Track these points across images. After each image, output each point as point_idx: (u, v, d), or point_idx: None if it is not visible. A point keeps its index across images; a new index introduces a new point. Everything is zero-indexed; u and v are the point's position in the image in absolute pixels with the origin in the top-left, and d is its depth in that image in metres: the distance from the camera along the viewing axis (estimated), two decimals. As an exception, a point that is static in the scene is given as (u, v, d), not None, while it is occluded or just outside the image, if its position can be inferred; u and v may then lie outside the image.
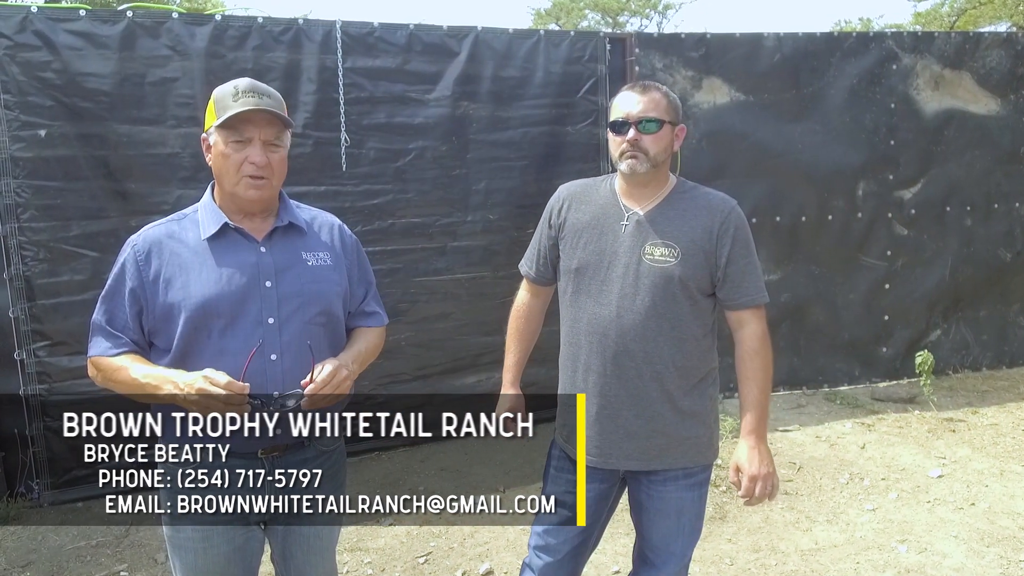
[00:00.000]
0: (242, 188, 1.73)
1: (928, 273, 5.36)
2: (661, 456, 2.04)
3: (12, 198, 3.61)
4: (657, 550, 2.15)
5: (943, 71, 5.19)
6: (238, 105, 1.69)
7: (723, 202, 2.02)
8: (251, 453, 1.77)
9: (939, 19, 15.34)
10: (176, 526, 1.80)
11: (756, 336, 2.01)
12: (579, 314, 2.06)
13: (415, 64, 4.26)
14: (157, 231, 1.77)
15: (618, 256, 2.00)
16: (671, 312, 1.97)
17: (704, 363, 2.05)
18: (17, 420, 3.74)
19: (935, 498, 3.70)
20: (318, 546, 1.93)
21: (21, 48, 3.56)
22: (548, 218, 2.18)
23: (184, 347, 1.71)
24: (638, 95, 1.98)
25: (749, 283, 2.00)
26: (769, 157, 4.96)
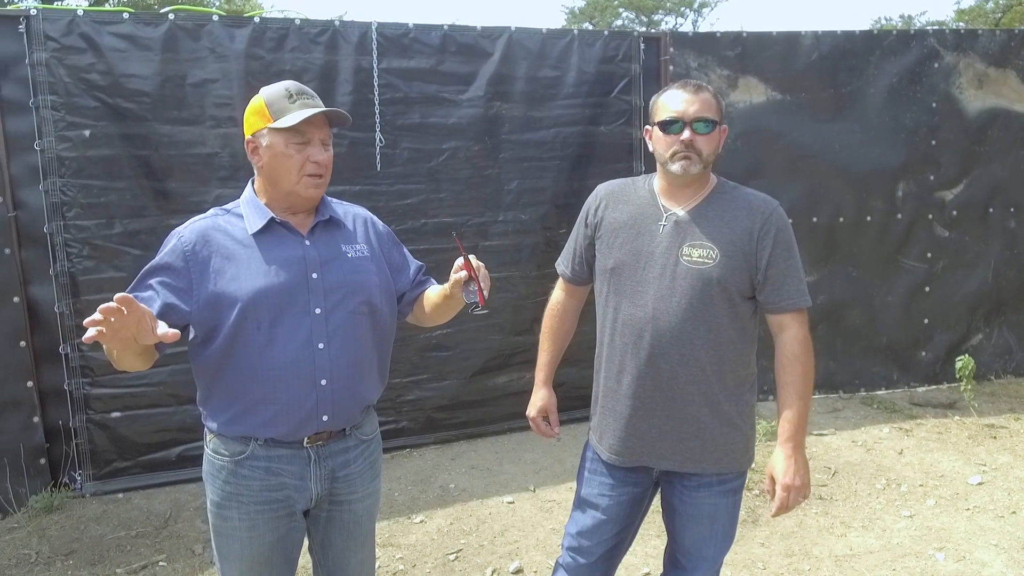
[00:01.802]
0: (303, 187, 1.77)
1: (969, 276, 5.24)
2: (695, 459, 2.01)
3: (58, 196, 3.72)
4: (689, 555, 2.13)
5: (987, 69, 5.07)
6: (297, 107, 1.74)
7: (764, 203, 1.98)
8: (297, 442, 1.81)
9: (983, 16, 14.96)
10: (223, 515, 1.82)
11: (797, 341, 1.96)
12: (614, 315, 2.05)
13: (449, 64, 4.29)
14: (204, 223, 1.80)
15: (655, 257, 1.97)
16: (708, 314, 1.94)
17: (742, 368, 2.01)
18: (61, 413, 3.85)
19: (975, 505, 3.62)
20: (357, 532, 1.96)
21: (68, 51, 3.66)
22: (585, 217, 2.17)
23: (233, 336, 1.73)
24: (691, 95, 1.93)
25: (790, 286, 1.95)
26: (806, 157, 4.89)
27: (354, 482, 1.91)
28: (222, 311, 1.73)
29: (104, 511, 3.74)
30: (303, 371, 1.75)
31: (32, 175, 3.70)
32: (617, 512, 2.12)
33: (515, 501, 3.81)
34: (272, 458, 1.80)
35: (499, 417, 4.65)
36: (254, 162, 1.81)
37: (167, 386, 3.97)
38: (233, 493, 1.80)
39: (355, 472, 1.91)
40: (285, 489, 1.82)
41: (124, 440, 3.96)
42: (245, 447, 1.79)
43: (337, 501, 1.91)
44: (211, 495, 1.84)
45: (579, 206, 4.81)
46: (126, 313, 1.43)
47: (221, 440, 1.81)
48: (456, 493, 3.91)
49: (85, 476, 3.90)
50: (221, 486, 1.81)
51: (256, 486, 1.80)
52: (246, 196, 1.85)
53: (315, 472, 1.84)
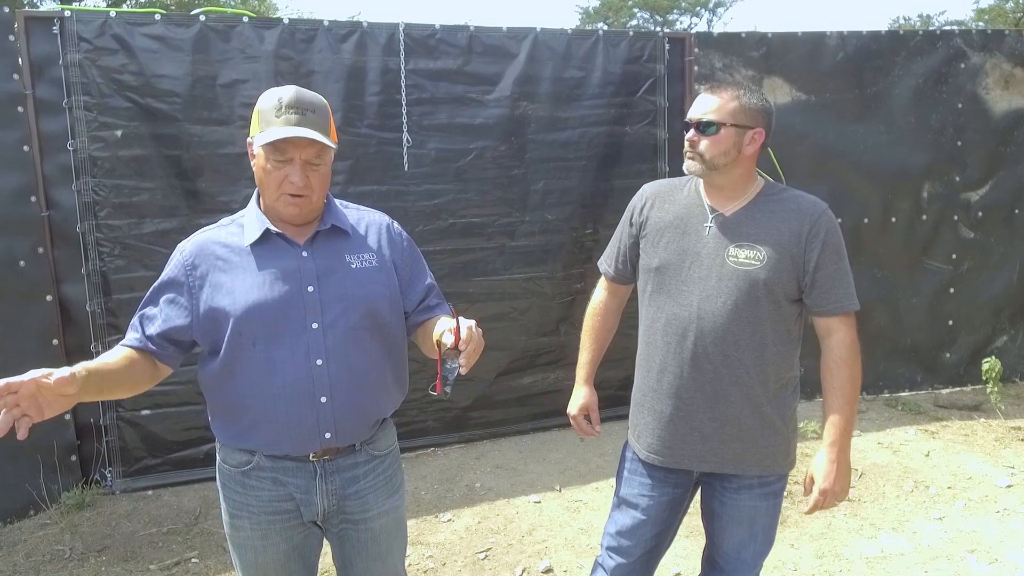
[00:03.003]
0: (281, 204, 1.71)
1: (995, 277, 5.21)
2: (737, 461, 2.01)
3: (90, 196, 3.76)
4: (728, 557, 2.14)
5: (1013, 70, 5.04)
6: (280, 123, 1.64)
7: (813, 205, 1.96)
8: (303, 456, 1.77)
9: (1003, 15, 14.84)
10: (235, 524, 1.81)
11: (844, 345, 1.94)
12: (657, 314, 2.05)
13: (475, 65, 4.30)
14: (205, 236, 1.77)
15: (700, 257, 1.97)
16: (753, 316, 1.93)
17: (785, 370, 2.01)
18: (92, 410, 3.89)
19: (1004, 508, 3.60)
20: (376, 552, 1.90)
21: (100, 52, 3.70)
22: (630, 217, 2.17)
23: (231, 353, 1.70)
24: (707, 95, 1.97)
25: (839, 289, 1.93)
26: (831, 158, 4.87)
27: (367, 499, 1.85)
28: (220, 325, 1.70)
29: (135, 508, 3.78)
30: (302, 389, 1.71)
31: (65, 175, 3.74)
32: (657, 513, 2.12)
33: (541, 500, 3.82)
34: (278, 469, 1.77)
35: (523, 417, 4.66)
36: (252, 165, 1.76)
37: (196, 384, 3.91)
38: (243, 503, 1.79)
39: (366, 488, 1.84)
40: (292, 500, 1.79)
41: (153, 437, 4.00)
42: (251, 458, 1.77)
43: (351, 520, 1.86)
44: (224, 504, 1.84)
45: (605, 206, 4.84)
46: (16, 395, 1.35)
47: (228, 451, 1.80)
48: (482, 492, 3.93)
49: (115, 473, 3.94)
50: (231, 496, 1.80)
51: (264, 496, 1.78)
52: (250, 205, 1.80)
53: (321, 486, 1.79)
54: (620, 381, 4.39)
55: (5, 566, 3.27)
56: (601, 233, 4.62)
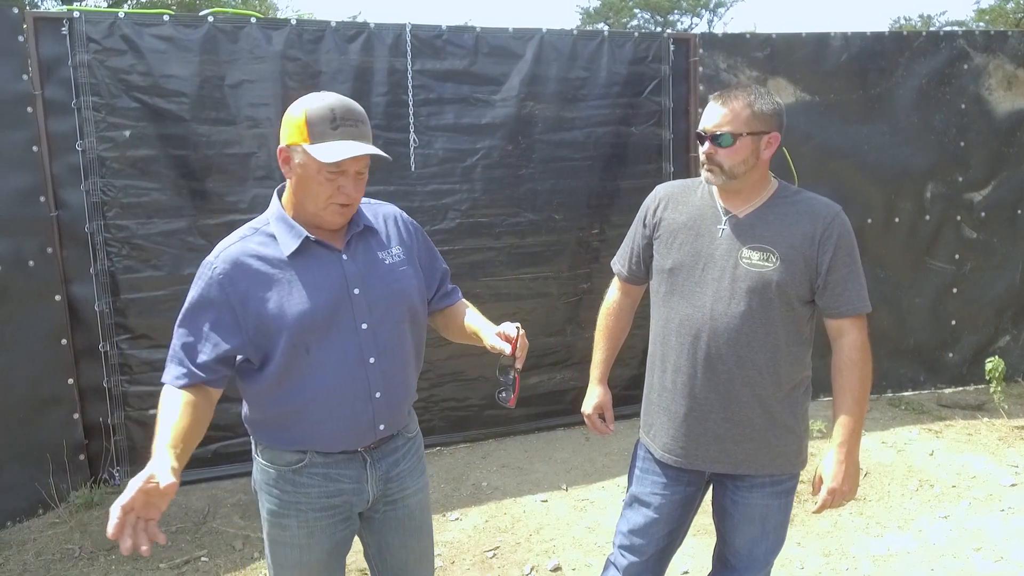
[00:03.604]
0: (328, 214, 1.70)
1: (998, 277, 5.23)
2: (749, 461, 2.03)
3: (99, 196, 3.77)
4: (739, 555, 2.15)
5: (1016, 71, 5.06)
6: (338, 136, 1.63)
7: (827, 208, 1.97)
8: (352, 450, 1.80)
9: (1004, 16, 14.88)
10: (281, 524, 1.80)
11: (855, 347, 1.97)
12: (671, 314, 2.07)
13: (481, 66, 4.32)
14: (235, 250, 1.70)
15: (714, 259, 1.99)
16: (766, 318, 1.95)
17: (797, 371, 2.02)
18: (100, 410, 3.91)
19: (1009, 506, 3.62)
20: (412, 526, 1.95)
21: (109, 52, 3.71)
22: (643, 217, 2.18)
23: (285, 363, 1.70)
24: (718, 107, 1.95)
25: (851, 292, 1.95)
26: (835, 158, 4.89)
27: (404, 480, 1.91)
28: (270, 338, 1.69)
29: (143, 507, 3.78)
30: (358, 388, 1.74)
31: (74, 175, 3.75)
32: (670, 511, 2.14)
33: (548, 500, 3.83)
34: (330, 464, 1.79)
35: (529, 417, 4.68)
36: (284, 172, 1.74)
37: (203, 384, 4.01)
38: (291, 502, 1.79)
39: (405, 470, 1.91)
40: (343, 495, 1.81)
41: (161, 437, 4.00)
42: (303, 456, 1.77)
43: (391, 500, 1.90)
44: (267, 504, 1.81)
45: (611, 206, 4.85)
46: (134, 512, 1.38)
47: (275, 452, 1.79)
48: (489, 491, 3.95)
49: (123, 472, 3.95)
50: (279, 495, 1.79)
51: (315, 493, 1.79)
52: (275, 212, 1.76)
53: (371, 474, 1.84)
54: (626, 380, 4.41)
55: (15, 565, 3.28)
56: (607, 233, 4.63)
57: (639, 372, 4.35)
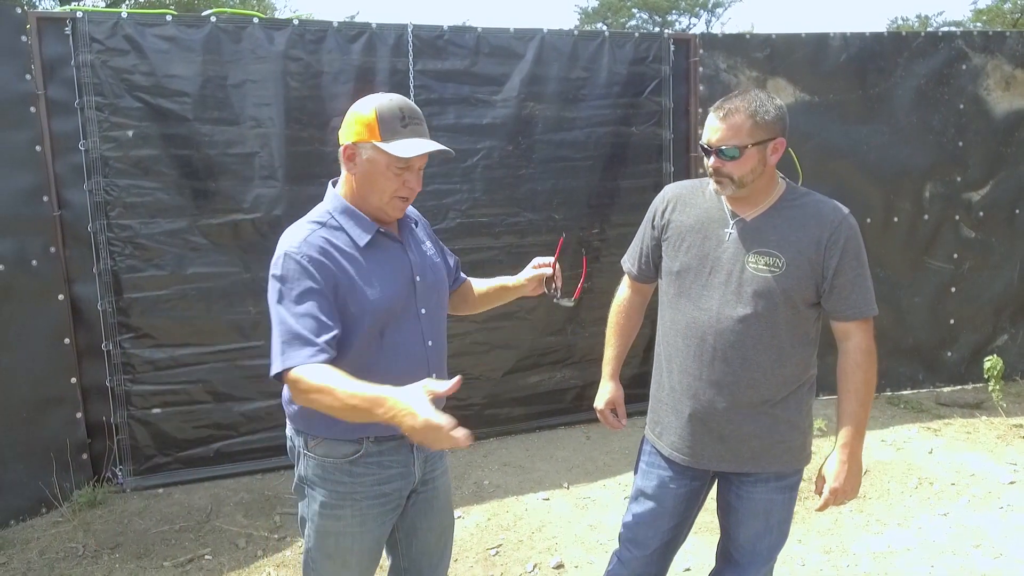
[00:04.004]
0: (391, 207, 1.81)
1: (996, 277, 5.26)
2: (754, 460, 2.05)
3: (102, 196, 3.78)
4: (743, 550, 2.17)
5: (1014, 71, 5.09)
6: (408, 134, 1.75)
7: (834, 211, 1.98)
8: (400, 435, 1.81)
9: (1001, 16, 14.92)
10: (336, 515, 1.86)
11: (861, 350, 1.98)
12: (678, 316, 2.09)
13: (483, 66, 4.33)
14: (314, 240, 1.75)
15: (721, 262, 2.01)
16: (771, 321, 1.96)
17: (802, 371, 2.04)
18: (103, 409, 3.91)
19: (1008, 504, 3.64)
20: (439, 506, 2.05)
21: (112, 52, 3.72)
22: (652, 218, 2.20)
23: (361, 347, 1.77)
24: (719, 121, 1.94)
25: (858, 295, 1.96)
26: (834, 158, 4.92)
27: (435, 460, 2.02)
28: (353, 323, 1.76)
29: (146, 506, 3.80)
30: (419, 370, 1.82)
31: (77, 175, 3.76)
32: (675, 505, 2.16)
33: (550, 498, 3.85)
34: (383, 452, 1.86)
35: (530, 416, 4.70)
36: (347, 168, 1.82)
37: (206, 383, 4.03)
38: (347, 493, 1.85)
39: (436, 452, 2.01)
40: (393, 481, 1.89)
41: (164, 436, 4.02)
42: (359, 447, 1.83)
43: (423, 481, 1.99)
44: (320, 497, 1.86)
45: (611, 206, 4.87)
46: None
47: (332, 444, 1.84)
48: (491, 490, 3.96)
49: (126, 471, 3.96)
50: (333, 487, 1.85)
51: (369, 481, 1.86)
52: (338, 205, 1.83)
53: (416, 458, 1.93)
54: (627, 379, 4.39)
55: (19, 564, 3.29)
56: (608, 233, 4.65)
57: (639, 371, 4.41)
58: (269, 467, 4.16)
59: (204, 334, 4.01)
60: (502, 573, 3.19)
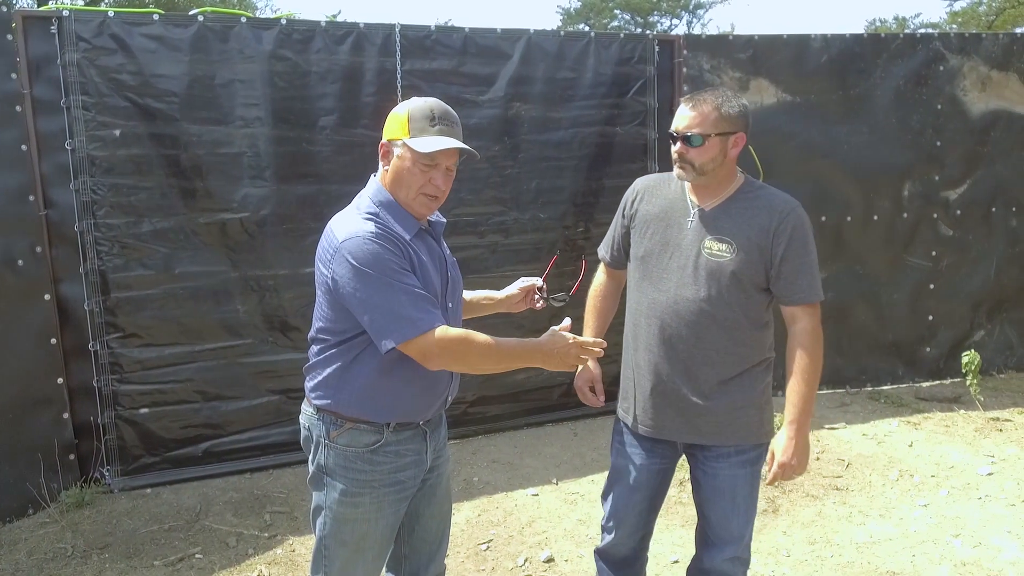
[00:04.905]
0: (418, 203, 1.90)
1: (973, 273, 5.37)
2: (713, 433, 2.20)
3: (89, 195, 3.77)
4: (716, 530, 2.29)
5: (990, 72, 5.20)
6: (435, 132, 1.84)
7: (784, 203, 2.14)
8: (415, 424, 1.95)
9: (976, 18, 15.17)
10: (355, 502, 1.92)
11: (806, 332, 2.13)
12: (641, 298, 2.26)
13: (470, 66, 4.37)
14: (379, 230, 1.82)
15: (680, 248, 2.17)
16: (724, 303, 2.12)
17: (755, 353, 2.19)
18: (90, 409, 3.90)
19: (986, 495, 3.73)
20: (438, 491, 2.12)
21: (99, 51, 3.71)
22: (623, 208, 2.38)
23: None
24: (688, 110, 2.13)
25: (804, 281, 2.11)
26: (815, 157, 5.00)
27: (441, 448, 2.12)
28: None
29: (134, 506, 3.79)
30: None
31: (63, 174, 3.75)
32: (647, 479, 2.33)
33: (539, 493, 3.89)
34: (400, 441, 1.94)
35: (517, 413, 4.74)
36: (383, 164, 1.93)
37: (194, 383, 4.03)
38: (367, 481, 1.92)
39: (443, 439, 2.13)
40: (408, 468, 1.96)
41: (152, 436, 4.01)
42: (380, 436, 1.91)
43: (431, 468, 2.07)
44: (341, 485, 1.92)
45: (596, 205, 4.91)
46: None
47: (355, 433, 1.91)
48: (480, 486, 3.99)
49: (114, 471, 3.95)
50: (355, 476, 1.92)
51: (387, 469, 1.93)
52: (383, 199, 1.90)
53: (429, 445, 2.02)
54: (611, 378, 4.46)
55: (7, 564, 3.28)
56: (593, 231, 4.70)
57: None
58: (258, 466, 4.16)
59: (192, 334, 4.01)
60: (493, 567, 3.23)
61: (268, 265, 4.08)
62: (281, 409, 4.18)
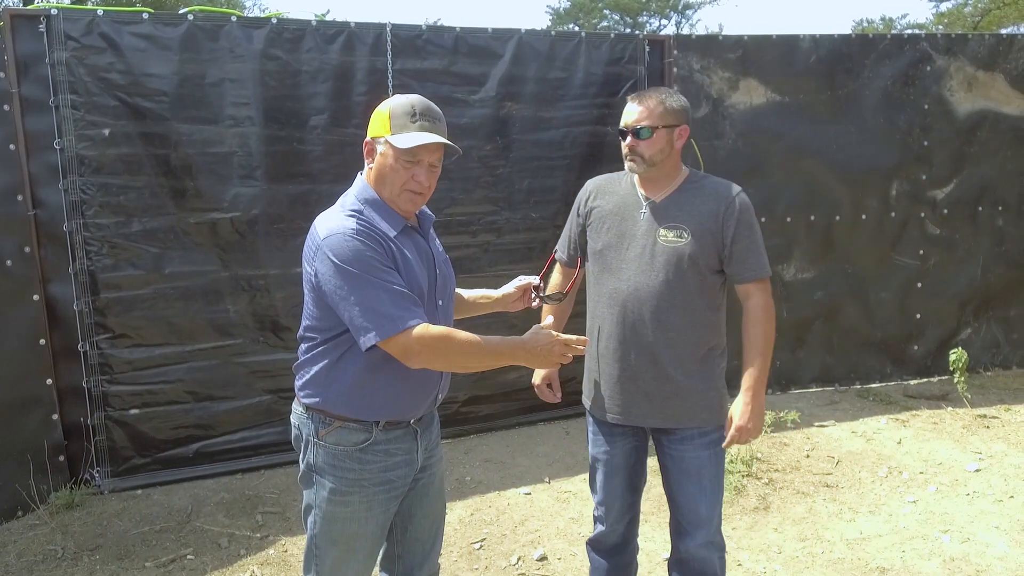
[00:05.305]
0: (402, 200, 1.90)
1: (960, 272, 5.42)
2: (676, 416, 2.30)
3: (78, 195, 3.74)
4: (686, 515, 2.36)
5: (976, 72, 5.25)
6: (416, 128, 1.85)
7: (728, 189, 2.28)
8: (405, 422, 1.94)
9: (961, 19, 15.31)
10: (344, 501, 1.91)
11: (759, 307, 2.27)
12: (602, 289, 2.35)
13: (461, 66, 4.37)
14: (360, 227, 1.82)
15: (636, 238, 2.28)
16: (682, 286, 2.23)
17: (712, 335, 2.31)
18: (80, 410, 3.87)
19: (974, 491, 3.77)
20: (431, 491, 2.11)
21: (88, 50, 3.69)
22: (577, 208, 2.50)
23: None
24: (636, 105, 2.26)
25: (753, 259, 2.25)
26: (804, 157, 5.04)
27: (434, 448, 2.11)
28: None
29: (124, 507, 3.77)
30: None
31: (52, 174, 3.72)
32: (622, 461, 2.42)
33: (532, 492, 3.90)
34: (390, 440, 1.93)
35: (509, 412, 4.74)
36: (367, 161, 1.93)
37: (184, 383, 4.01)
38: (356, 479, 1.91)
39: (435, 439, 2.11)
40: (398, 468, 1.95)
41: (142, 437, 3.99)
42: (369, 434, 1.90)
43: (423, 468, 2.06)
44: (330, 484, 1.91)
45: (588, 204, 4.90)
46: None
47: (343, 431, 1.90)
48: (473, 485, 4.00)
49: (104, 473, 3.92)
50: (344, 474, 1.90)
51: (376, 467, 1.92)
52: (368, 196, 1.90)
53: (420, 445, 2.01)
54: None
55: (-3, 567, 3.26)
56: (584, 231, 4.71)
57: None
58: (249, 467, 4.15)
59: (182, 334, 3.99)
60: (487, 566, 3.23)
61: (259, 265, 4.06)
62: (272, 409, 4.17)
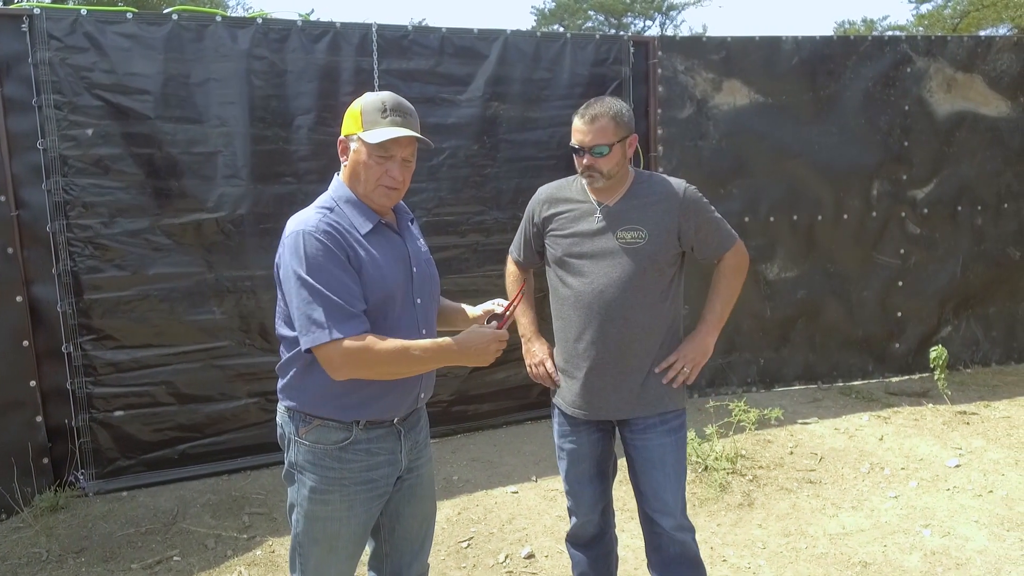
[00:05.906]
0: (376, 195, 1.90)
1: (940, 271, 5.49)
2: (642, 405, 2.37)
3: (61, 195, 3.72)
4: (652, 504, 2.41)
5: (955, 74, 5.33)
6: (387, 124, 1.85)
7: (677, 185, 2.38)
8: (387, 421, 1.95)
9: (941, 21, 15.48)
10: (324, 500, 1.91)
11: (730, 265, 2.44)
12: (567, 292, 2.40)
13: (447, 66, 4.38)
14: (325, 223, 1.82)
15: (595, 242, 2.35)
16: (643, 283, 2.32)
17: (675, 323, 2.42)
18: (64, 412, 3.85)
19: (954, 486, 3.83)
20: (423, 493, 2.12)
21: (71, 50, 3.67)
22: (531, 217, 2.55)
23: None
24: (587, 125, 2.31)
25: (717, 237, 2.41)
26: (787, 157, 5.09)
27: (421, 449, 2.10)
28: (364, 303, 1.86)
29: (110, 509, 3.75)
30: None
31: (35, 174, 3.70)
32: (589, 450, 2.47)
33: (519, 491, 3.92)
34: (371, 439, 1.93)
35: (496, 411, 4.76)
36: (342, 160, 1.94)
37: (169, 385, 3.99)
38: (336, 478, 1.90)
39: (423, 440, 2.11)
40: (381, 467, 1.95)
41: (127, 439, 3.97)
42: (349, 433, 1.90)
43: (409, 468, 2.06)
44: (310, 483, 1.91)
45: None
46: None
47: (323, 430, 1.90)
48: (460, 484, 4.01)
49: (88, 475, 3.90)
50: (323, 473, 1.90)
51: (357, 467, 1.92)
52: (343, 196, 1.91)
53: (404, 445, 2.01)
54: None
55: (-20, 570, 3.23)
56: (570, 230, 4.73)
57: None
58: (235, 468, 4.14)
59: (167, 335, 3.97)
60: (474, 565, 3.25)
61: (244, 266, 4.05)
62: (259, 411, 4.16)
